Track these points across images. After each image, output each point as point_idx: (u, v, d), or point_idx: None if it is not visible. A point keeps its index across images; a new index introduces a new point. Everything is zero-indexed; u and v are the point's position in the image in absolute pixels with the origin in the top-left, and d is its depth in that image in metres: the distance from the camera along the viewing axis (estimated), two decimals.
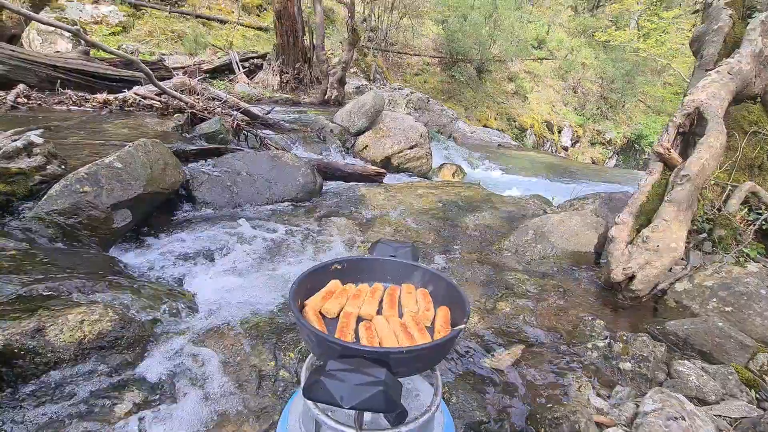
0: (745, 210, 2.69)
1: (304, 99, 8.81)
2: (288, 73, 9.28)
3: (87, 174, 2.25)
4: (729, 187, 2.74)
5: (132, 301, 1.74)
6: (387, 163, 5.56)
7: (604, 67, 16.92)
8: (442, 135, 8.68)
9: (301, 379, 0.95)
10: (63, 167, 2.46)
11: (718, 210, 2.68)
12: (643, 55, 14.66)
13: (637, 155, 16.15)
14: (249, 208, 3.24)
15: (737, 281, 2.25)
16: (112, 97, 4.77)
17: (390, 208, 3.63)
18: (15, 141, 2.36)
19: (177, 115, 4.46)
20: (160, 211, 2.81)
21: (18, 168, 2.26)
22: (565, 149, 15.37)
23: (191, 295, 2.03)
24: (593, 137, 16.02)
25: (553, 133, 15.34)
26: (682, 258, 2.48)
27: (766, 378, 1.80)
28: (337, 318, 0.93)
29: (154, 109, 4.64)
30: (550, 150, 14.78)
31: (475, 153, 8.24)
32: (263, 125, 5.24)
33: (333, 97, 8.74)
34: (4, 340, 1.34)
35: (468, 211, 3.67)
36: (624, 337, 1.97)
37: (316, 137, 5.44)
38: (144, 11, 10.55)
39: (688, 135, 2.73)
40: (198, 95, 4.99)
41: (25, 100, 4.42)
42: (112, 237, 2.30)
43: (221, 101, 5.08)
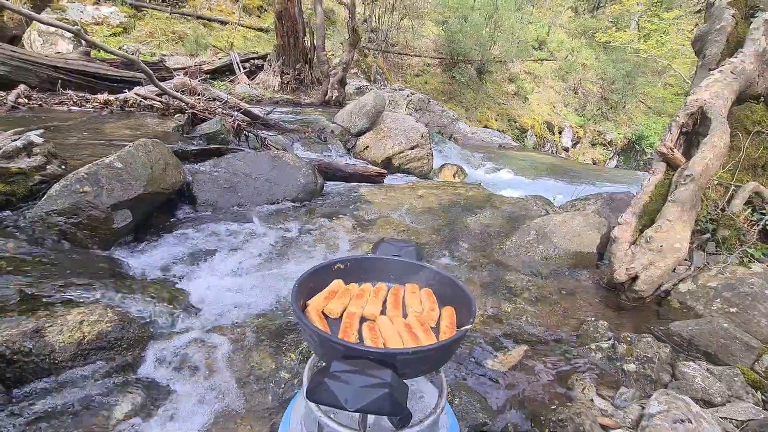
0: (749, 210, 2.68)
1: (304, 100, 8.81)
2: (289, 74, 9.28)
3: (87, 174, 2.23)
4: (732, 187, 2.73)
5: (132, 302, 1.72)
6: (388, 164, 5.54)
7: (604, 68, 16.91)
8: (442, 136, 8.67)
9: (304, 381, 0.93)
10: (63, 167, 2.45)
11: (721, 210, 2.66)
12: (644, 56, 14.67)
13: (638, 156, 16.12)
14: (250, 208, 3.23)
15: (742, 282, 2.23)
16: (112, 98, 4.76)
17: (391, 208, 3.61)
18: (15, 141, 2.35)
19: (178, 116, 4.46)
20: (160, 212, 2.80)
21: (18, 168, 2.25)
22: (566, 150, 15.35)
23: (191, 296, 2.02)
24: (594, 138, 16.00)
25: (554, 134, 15.32)
26: (685, 258, 2.46)
27: None
28: (340, 318, 0.91)
29: (154, 110, 4.64)
30: (550, 151, 14.77)
31: (476, 154, 8.23)
32: (264, 126, 5.23)
33: (334, 98, 8.73)
34: (3, 340, 1.33)
35: (469, 212, 3.66)
36: (628, 338, 1.95)
37: (316, 138, 5.43)
38: (145, 12, 10.56)
39: (691, 135, 2.71)
40: (199, 96, 4.98)
41: (26, 100, 4.42)
42: (112, 237, 2.29)
43: (222, 102, 5.07)
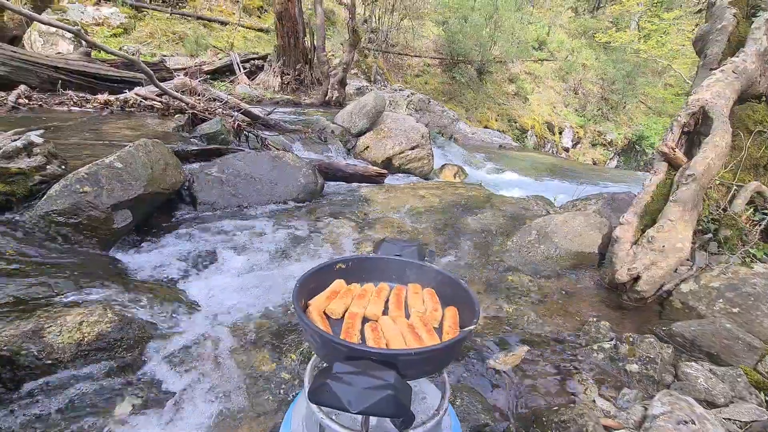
0: (751, 210, 2.67)
1: (304, 100, 8.80)
2: (289, 75, 9.28)
3: (87, 174, 2.23)
4: (734, 187, 2.72)
5: (132, 302, 1.72)
6: (388, 164, 5.53)
7: (604, 69, 16.91)
8: (443, 136, 8.66)
9: (305, 382, 0.92)
10: (63, 167, 2.44)
11: (723, 210, 2.65)
12: (644, 56, 14.66)
13: (638, 156, 16.11)
14: (250, 208, 3.23)
15: (744, 282, 2.22)
16: (113, 98, 4.76)
17: (392, 208, 3.61)
18: (15, 141, 2.34)
19: (178, 116, 4.45)
20: (160, 212, 2.79)
21: (18, 168, 2.24)
22: (566, 150, 15.34)
23: (191, 296, 2.01)
24: (594, 138, 15.99)
25: (554, 134, 15.31)
26: (687, 259, 2.45)
27: None
28: (342, 319, 0.90)
29: (155, 110, 4.63)
30: (551, 151, 14.76)
31: (477, 154, 8.23)
32: (264, 126, 5.22)
33: (334, 98, 8.73)
34: (2, 341, 1.32)
35: (470, 212, 3.65)
36: (630, 339, 1.95)
37: (317, 138, 5.42)
38: (145, 13, 10.57)
39: (692, 134, 2.70)
40: (199, 96, 4.98)
41: (26, 101, 4.41)
42: (112, 237, 2.28)
43: (222, 102, 5.06)
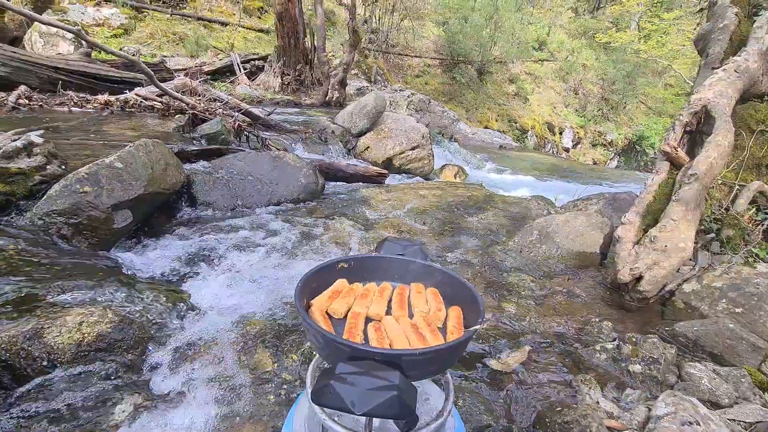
0: (753, 210, 2.66)
1: (305, 100, 8.80)
2: (289, 75, 9.28)
3: (87, 174, 2.22)
4: (737, 187, 2.71)
5: (132, 303, 1.71)
6: (389, 164, 5.53)
7: (605, 69, 16.91)
8: (443, 136, 8.66)
9: (307, 382, 0.91)
10: (63, 167, 2.44)
11: (725, 210, 2.64)
12: (644, 57, 14.65)
13: (639, 156, 16.11)
14: (251, 208, 3.22)
15: (747, 282, 2.21)
16: (113, 98, 4.75)
17: (392, 208, 3.60)
18: (15, 141, 2.34)
19: (178, 116, 4.44)
20: (160, 212, 2.78)
21: (18, 168, 2.23)
22: (567, 150, 15.34)
23: (191, 296, 2.00)
24: (594, 138, 15.99)
25: (555, 135, 15.31)
26: (690, 258, 2.44)
27: None
28: (345, 318, 0.89)
29: (155, 110, 4.62)
30: (551, 151, 14.76)
31: (477, 154, 8.22)
32: (264, 126, 5.21)
33: (334, 99, 8.73)
34: (1, 341, 1.31)
35: (471, 212, 3.64)
36: (633, 339, 1.93)
37: (317, 138, 5.42)
38: (146, 14, 10.57)
39: (695, 134, 2.69)
40: (199, 96, 4.97)
41: (27, 101, 4.40)
42: (112, 237, 2.27)
43: (222, 102, 5.06)
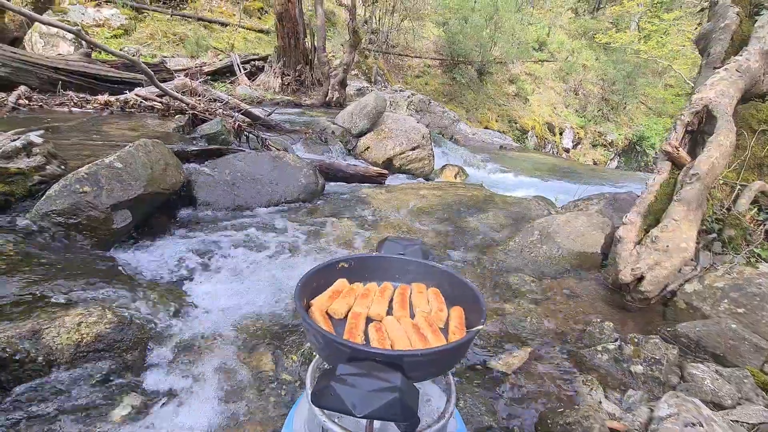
0: (755, 210, 2.65)
1: (305, 101, 8.80)
2: (289, 75, 9.28)
3: (87, 174, 2.21)
4: (738, 187, 2.70)
5: (131, 303, 1.70)
6: (389, 165, 5.52)
7: (605, 69, 16.91)
8: (443, 137, 8.65)
9: (307, 384, 0.90)
10: (63, 167, 2.43)
11: (727, 210, 2.63)
12: (644, 57, 14.64)
13: (639, 157, 16.09)
14: (251, 208, 3.21)
15: (749, 282, 2.20)
16: (113, 99, 4.74)
17: (393, 208, 3.59)
18: (14, 141, 2.33)
19: (178, 117, 4.44)
20: (160, 212, 2.77)
21: (17, 168, 2.23)
22: (567, 151, 15.33)
23: (191, 297, 1.99)
24: (594, 139, 15.99)
25: (555, 135, 15.30)
26: (691, 259, 2.43)
27: None
28: (345, 319, 0.88)
29: (155, 111, 4.62)
30: (551, 152, 14.75)
31: (477, 154, 8.21)
32: (264, 126, 5.21)
33: (334, 99, 8.73)
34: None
35: (471, 212, 3.63)
36: (635, 340, 1.92)
37: (317, 138, 5.41)
38: (146, 14, 10.58)
39: (696, 134, 2.69)
40: (199, 97, 4.97)
41: (27, 101, 4.40)
42: (111, 238, 2.26)
43: (222, 102, 5.06)
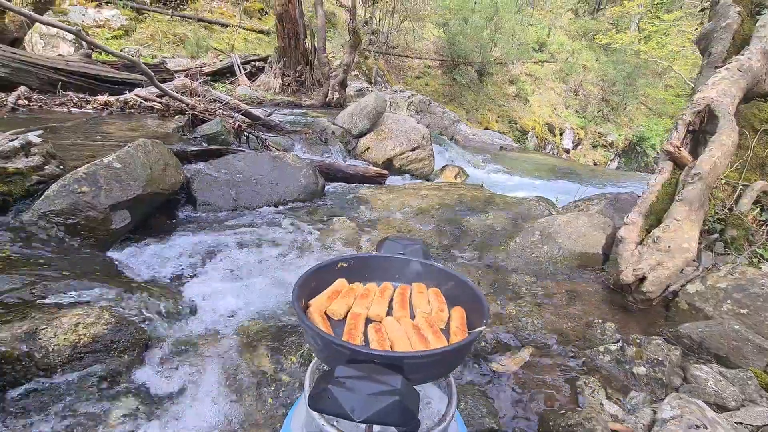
0: (757, 210, 2.63)
1: (305, 101, 8.79)
2: (289, 76, 9.27)
3: (85, 174, 2.20)
4: (740, 187, 2.69)
5: (129, 304, 1.68)
6: (389, 165, 5.51)
7: (605, 70, 16.90)
8: (443, 137, 8.64)
9: (305, 386, 0.89)
10: (61, 167, 2.42)
11: (729, 210, 2.62)
12: (644, 58, 14.63)
13: (639, 157, 16.07)
14: (250, 209, 3.20)
15: (752, 282, 2.18)
16: (113, 99, 4.74)
17: (393, 209, 3.58)
18: (12, 141, 2.32)
19: (178, 117, 4.43)
20: (159, 212, 2.76)
21: (15, 168, 2.22)
22: (567, 151, 15.31)
23: (190, 298, 1.98)
24: (595, 139, 15.96)
25: (555, 136, 15.28)
26: (693, 259, 2.42)
27: None
28: (344, 319, 0.87)
29: (155, 111, 4.62)
30: (551, 152, 14.73)
31: (478, 155, 8.20)
32: (264, 127, 5.20)
33: (334, 100, 8.72)
34: None
35: (472, 212, 3.62)
36: (637, 341, 1.91)
37: (317, 139, 5.40)
38: (146, 15, 10.58)
39: (698, 133, 2.67)
40: (199, 97, 4.96)
41: (26, 102, 4.39)
42: (110, 238, 2.25)
43: (222, 103, 5.05)
